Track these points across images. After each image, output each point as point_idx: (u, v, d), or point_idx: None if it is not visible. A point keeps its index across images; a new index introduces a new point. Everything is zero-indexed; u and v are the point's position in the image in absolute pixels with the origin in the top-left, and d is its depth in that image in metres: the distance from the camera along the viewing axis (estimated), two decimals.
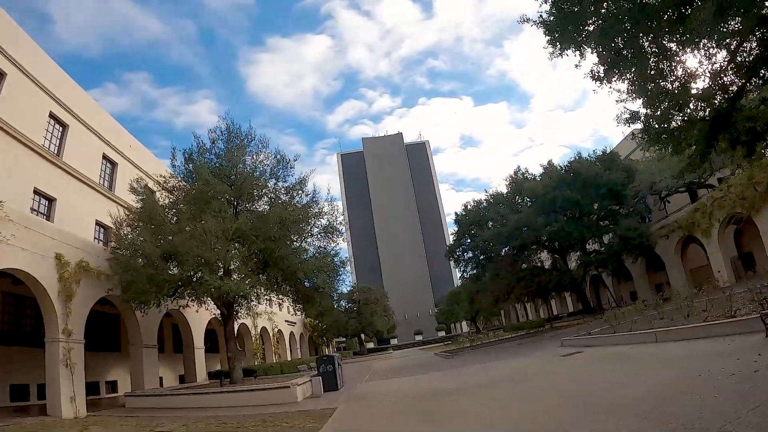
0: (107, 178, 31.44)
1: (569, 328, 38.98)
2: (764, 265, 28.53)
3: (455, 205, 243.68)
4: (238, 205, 24.65)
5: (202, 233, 19.83)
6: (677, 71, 12.42)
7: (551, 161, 47.01)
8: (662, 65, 12.30)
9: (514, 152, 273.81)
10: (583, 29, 12.39)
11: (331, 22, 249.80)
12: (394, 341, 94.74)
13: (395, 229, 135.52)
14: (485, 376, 18.54)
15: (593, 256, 43.33)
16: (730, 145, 14.00)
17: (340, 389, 21.71)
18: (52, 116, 26.10)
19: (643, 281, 49.43)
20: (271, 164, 25.65)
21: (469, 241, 47.44)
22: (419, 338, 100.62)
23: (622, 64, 12.24)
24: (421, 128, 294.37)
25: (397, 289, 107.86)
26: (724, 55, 12.07)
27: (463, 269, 50.73)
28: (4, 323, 24.35)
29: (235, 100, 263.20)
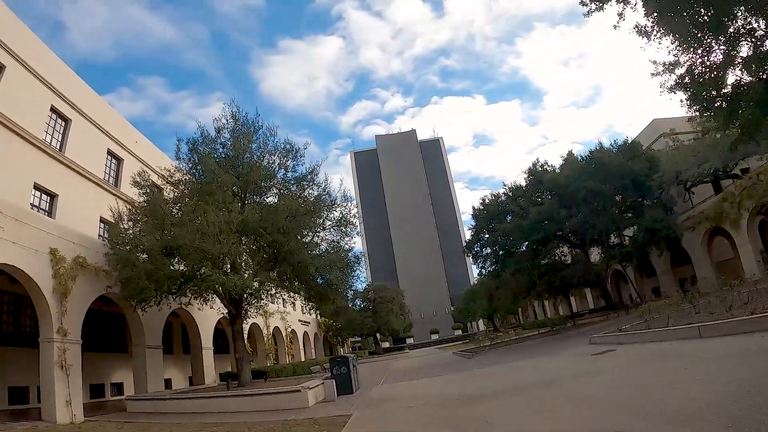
0: (112, 174, 30.43)
1: (593, 325, 37.56)
2: None
3: (470, 203, 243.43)
4: (245, 197, 23.17)
5: (204, 225, 18.42)
6: (734, 22, 10.81)
7: (571, 152, 45.29)
8: (717, 15, 10.69)
9: (527, 150, 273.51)
10: None
11: (342, 22, 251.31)
12: (410, 340, 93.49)
13: (410, 226, 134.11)
14: (515, 377, 17.06)
15: (617, 249, 41.49)
16: None
17: (355, 392, 20.13)
18: (53, 110, 25.15)
19: (667, 276, 47.59)
20: (279, 154, 24.17)
21: (487, 236, 45.66)
22: (435, 337, 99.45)
23: (672, 14, 10.62)
24: (434, 125, 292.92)
25: (412, 287, 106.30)
26: None
27: (481, 266, 48.88)
28: (2, 323, 23.39)
29: (248, 101, 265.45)
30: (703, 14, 10.69)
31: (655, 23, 11.14)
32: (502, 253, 44.46)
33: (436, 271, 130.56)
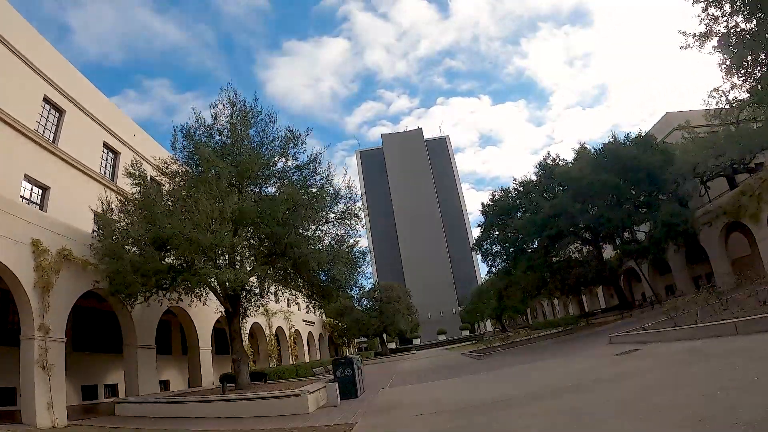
0: (109, 168, 29.16)
1: (607, 324, 36.53)
2: None
3: (476, 205, 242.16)
4: (242, 187, 21.59)
5: (196, 214, 16.96)
6: None
7: (584, 145, 43.35)
8: None
9: (533, 150, 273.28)
10: None
11: (347, 24, 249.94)
12: (416, 341, 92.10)
13: (417, 226, 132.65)
14: (536, 380, 15.60)
15: (633, 245, 39.82)
16: None
17: (359, 396, 18.60)
18: (47, 101, 24.00)
19: (683, 274, 46.27)
20: (279, 142, 22.62)
21: (497, 233, 44.02)
22: (442, 338, 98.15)
23: None
24: (440, 124, 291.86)
25: (419, 288, 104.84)
26: None
27: (490, 264, 47.21)
28: None
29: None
30: None
31: None
32: (512, 250, 42.82)
33: (442, 270, 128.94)
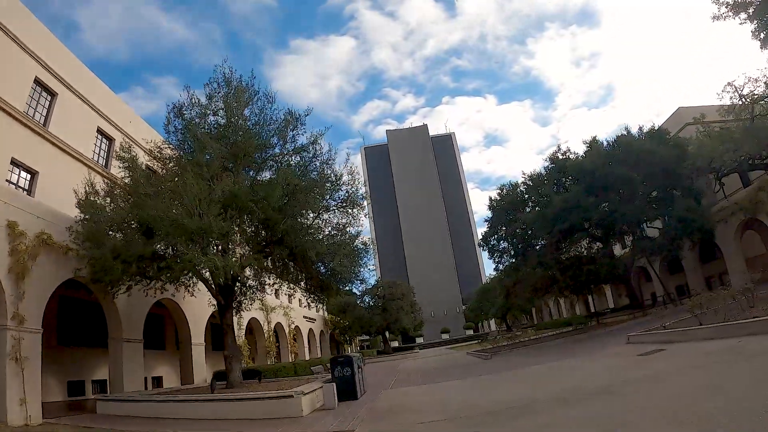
0: (102, 154, 27.97)
1: (620, 323, 35.26)
2: None
3: (481, 203, 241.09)
4: (237, 170, 19.75)
5: (183, 196, 15.44)
6: None
7: (595, 137, 41.56)
8: None
9: (538, 150, 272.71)
10: None
11: (354, 23, 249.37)
12: (419, 340, 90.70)
13: (421, 224, 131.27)
14: (556, 382, 14.15)
15: (647, 241, 38.24)
16: None
17: (360, 398, 16.99)
18: (38, 83, 22.88)
19: (695, 273, 45.22)
20: (278, 123, 20.95)
21: (505, 228, 42.36)
22: (446, 337, 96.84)
23: None
24: (446, 120, 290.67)
25: (423, 286, 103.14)
26: None
27: (497, 261, 45.53)
28: None
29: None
30: None
31: None
32: (521, 246, 41.20)
33: (447, 269, 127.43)
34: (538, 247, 41.44)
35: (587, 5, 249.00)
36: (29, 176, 21.76)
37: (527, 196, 42.00)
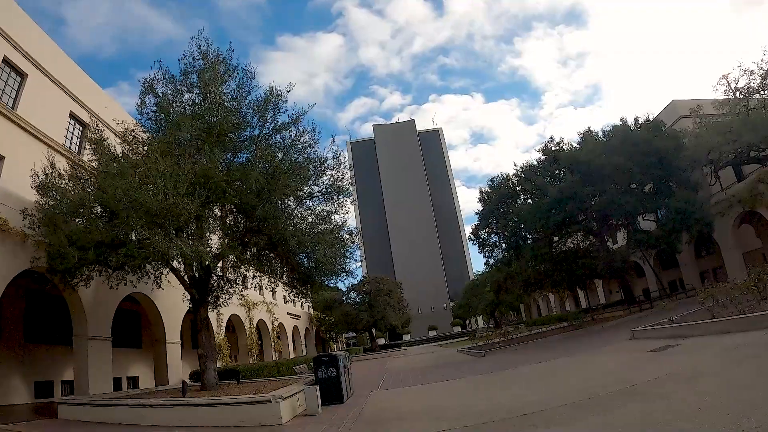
0: (75, 140, 25.78)
1: (616, 319, 34.08)
2: None
3: (468, 202, 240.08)
4: (211, 151, 17.86)
5: (145, 174, 13.70)
6: None
7: (590, 128, 40.43)
8: None
9: (524, 148, 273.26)
10: None
11: (342, 20, 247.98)
12: (407, 337, 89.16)
13: (408, 220, 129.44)
14: (565, 383, 12.75)
15: (643, 235, 37.04)
16: None
17: (346, 401, 15.35)
18: (6, 62, 20.73)
19: (690, 268, 44.78)
20: (258, 102, 19.10)
21: (496, 221, 40.80)
22: (434, 334, 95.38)
23: None
24: (434, 114, 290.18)
25: (410, 283, 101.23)
26: None
27: (488, 255, 44.03)
28: None
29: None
30: None
31: None
32: (513, 239, 39.71)
33: (434, 265, 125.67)
34: (530, 240, 40.01)
35: (575, 6, 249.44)
36: None
37: (519, 188, 40.45)
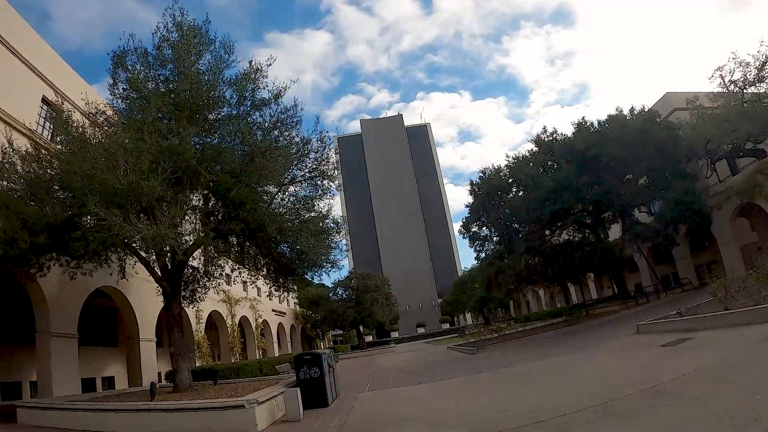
0: (48, 126, 24.03)
1: (613, 314, 32.82)
2: None
3: (455, 199, 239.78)
4: (182, 129, 16.15)
5: (105, 150, 12.07)
6: None
7: (584, 117, 39.28)
8: None
9: (511, 146, 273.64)
10: None
11: (331, 17, 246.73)
12: (394, 334, 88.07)
13: (396, 216, 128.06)
14: (577, 383, 11.35)
15: (640, 227, 35.96)
16: None
17: (331, 404, 13.86)
18: None
19: (686, 262, 43.31)
20: (236, 77, 17.42)
21: (487, 214, 39.41)
22: (422, 331, 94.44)
23: None
24: (422, 109, 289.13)
25: (398, 279, 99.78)
26: None
27: (478, 249, 42.69)
28: None
29: None
30: None
31: None
32: (506, 231, 38.34)
33: (422, 261, 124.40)
34: (521, 234, 38.64)
35: (563, 5, 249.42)
36: None
37: (511, 180, 39.10)
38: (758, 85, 32.54)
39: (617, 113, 37.21)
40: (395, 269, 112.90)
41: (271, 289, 21.51)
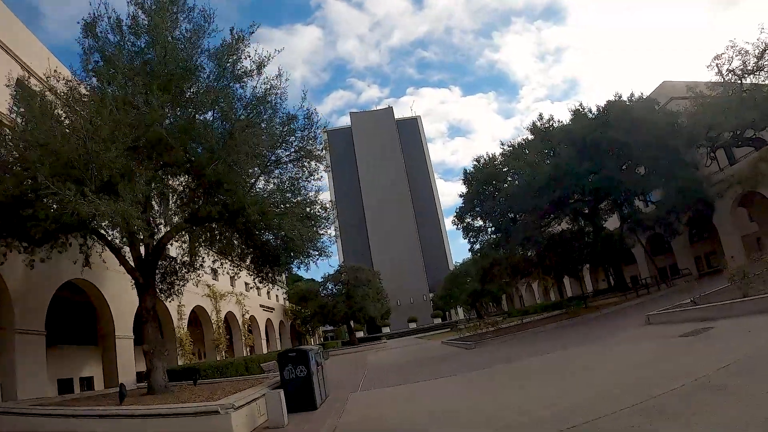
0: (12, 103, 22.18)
1: (614, 306, 31.38)
2: None
3: (445, 194, 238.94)
4: (153, 102, 14.53)
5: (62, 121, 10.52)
6: None
7: (582, 103, 37.97)
8: None
9: (501, 142, 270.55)
10: None
11: (321, 12, 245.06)
12: (386, 329, 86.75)
13: (386, 209, 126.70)
14: (601, 378, 10.08)
15: (641, 215, 34.91)
16: None
17: (320, 407, 12.38)
18: None
19: (685, 252, 42.77)
20: (215, 48, 15.83)
21: (482, 203, 37.99)
22: (413, 326, 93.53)
23: None
24: (413, 102, 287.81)
25: (388, 273, 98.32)
26: None
27: (472, 241, 41.29)
28: None
29: None
30: None
31: None
32: (502, 221, 36.96)
33: (413, 255, 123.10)
34: (518, 224, 37.28)
35: (554, 2, 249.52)
36: None
37: (506, 168, 37.75)
38: (757, 74, 31.76)
39: (617, 99, 35.93)
40: (386, 263, 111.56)
41: (255, 280, 19.96)
